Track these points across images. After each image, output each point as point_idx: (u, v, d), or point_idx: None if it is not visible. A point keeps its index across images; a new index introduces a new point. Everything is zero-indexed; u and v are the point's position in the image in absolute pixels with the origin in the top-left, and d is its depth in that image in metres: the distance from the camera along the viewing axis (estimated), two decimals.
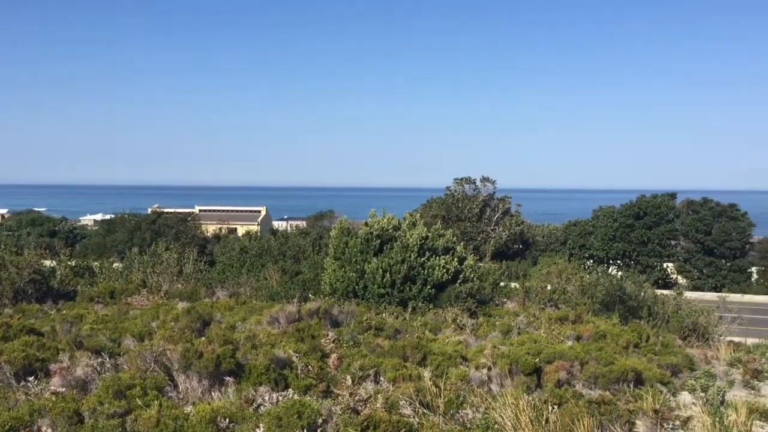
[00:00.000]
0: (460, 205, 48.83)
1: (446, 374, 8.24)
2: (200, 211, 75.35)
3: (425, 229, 16.42)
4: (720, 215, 46.35)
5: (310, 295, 15.12)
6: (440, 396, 6.93)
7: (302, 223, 65.46)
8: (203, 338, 8.92)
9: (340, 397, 7.07)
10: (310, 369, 7.82)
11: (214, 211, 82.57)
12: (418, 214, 19.18)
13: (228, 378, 7.43)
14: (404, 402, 6.79)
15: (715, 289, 40.01)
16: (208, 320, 11.22)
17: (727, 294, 26.30)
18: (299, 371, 7.83)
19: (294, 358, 8.10)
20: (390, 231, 16.02)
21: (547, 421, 6.64)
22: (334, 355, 8.48)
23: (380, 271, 14.89)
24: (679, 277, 45.68)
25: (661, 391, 9.37)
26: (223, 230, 65.64)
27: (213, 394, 7.33)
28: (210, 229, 62.62)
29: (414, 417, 6.50)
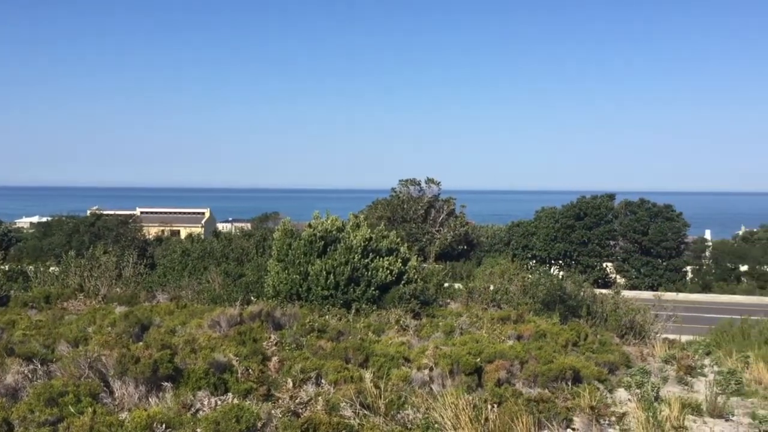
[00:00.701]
0: (405, 206, 49.11)
1: (388, 375, 8.27)
2: (142, 213, 73.90)
3: (369, 230, 16.43)
4: (656, 216, 47.74)
5: (252, 298, 14.96)
6: (381, 397, 6.95)
7: (247, 225, 64.78)
8: (141, 343, 8.75)
9: (280, 401, 7.02)
10: (251, 372, 7.74)
11: (156, 213, 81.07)
12: (363, 216, 19.19)
13: (166, 383, 7.30)
14: (345, 404, 6.78)
15: (652, 288, 41.16)
16: (147, 324, 11.01)
17: (663, 293, 27.11)
18: (239, 375, 7.75)
19: (234, 362, 8.01)
20: (334, 232, 15.98)
21: (486, 420, 6.72)
22: (275, 358, 8.42)
23: (324, 272, 14.84)
24: (618, 277, 46.85)
25: (599, 388, 9.58)
26: (165, 232, 64.47)
27: (150, 399, 7.19)
28: (152, 231, 61.46)
29: (354, 418, 6.49)
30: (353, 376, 7.82)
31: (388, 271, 15.44)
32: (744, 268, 47.17)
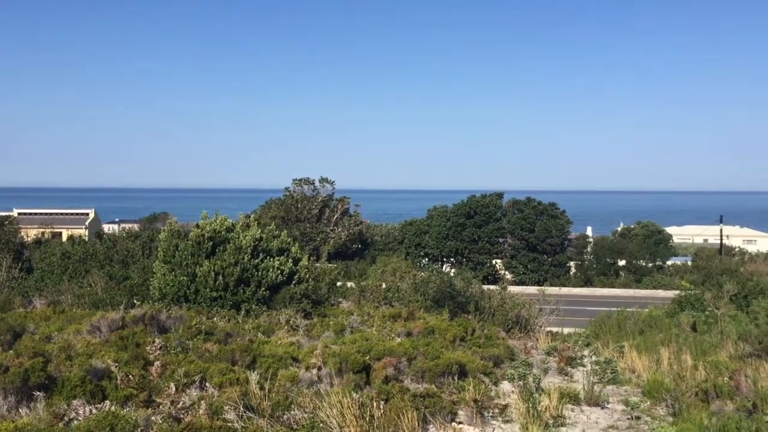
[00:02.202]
0: (299, 206, 48.78)
1: (276, 376, 8.18)
2: (19, 214, 69.78)
3: (259, 230, 16.20)
4: (542, 214, 49.59)
5: (136, 302, 14.43)
6: (267, 398, 6.86)
7: (135, 226, 62.45)
8: (11, 351, 8.26)
9: (161, 406, 6.80)
10: (131, 378, 7.46)
11: (35, 214, 76.78)
12: (254, 216, 18.89)
13: (38, 393, 6.92)
14: (229, 407, 6.65)
15: (538, 282, 42.70)
16: (20, 332, 10.40)
17: (547, 287, 28.19)
18: (119, 381, 7.45)
19: (113, 368, 7.70)
20: (223, 233, 15.66)
21: (372, 417, 6.76)
22: (157, 363, 8.14)
23: (212, 274, 14.51)
24: (507, 273, 48.35)
25: (484, 382, 9.84)
26: (45, 235, 61.20)
27: (21, 410, 6.80)
28: (31, 233, 58.17)
29: (238, 422, 6.38)
30: (239, 379, 7.68)
31: (279, 271, 15.29)
32: (622, 262, 49.75)
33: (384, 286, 19.50)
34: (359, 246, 50.70)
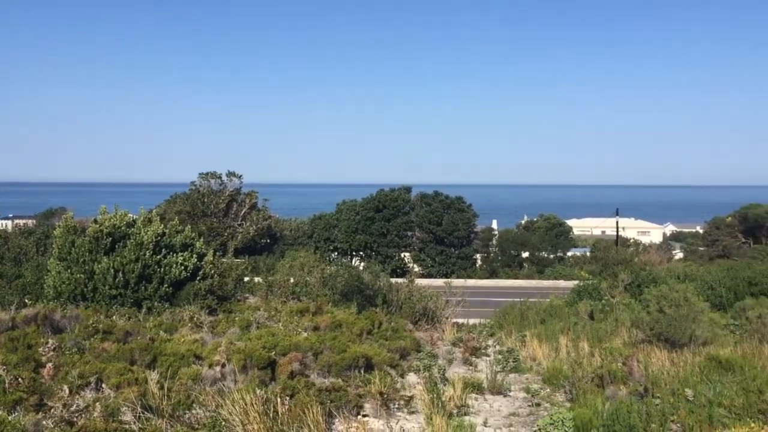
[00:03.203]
0: (205, 200, 47.68)
1: (177, 375, 7.96)
2: None
3: (162, 225, 15.73)
4: (449, 207, 50.41)
5: (27, 301, 13.74)
6: (167, 398, 6.66)
7: (30, 222, 59.49)
8: None
9: (53, 410, 6.49)
10: (21, 382, 7.09)
11: None
12: (156, 211, 18.33)
13: None
14: (127, 408, 6.42)
15: (446, 275, 43.42)
16: None
17: (453, 279, 28.70)
18: (7, 385, 7.06)
19: (1, 371, 7.29)
20: (123, 228, 15.11)
21: (277, 413, 6.68)
22: (50, 365, 7.77)
23: (111, 271, 13.98)
24: (415, 266, 48.91)
25: (390, 374, 9.91)
26: None
27: None
28: None
29: (136, 423, 6.16)
30: (138, 378, 7.43)
31: (183, 267, 14.90)
32: (525, 254, 51.20)
33: (292, 280, 19.36)
34: (268, 241, 50.12)
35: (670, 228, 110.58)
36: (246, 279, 20.00)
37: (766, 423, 7.06)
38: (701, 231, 78.99)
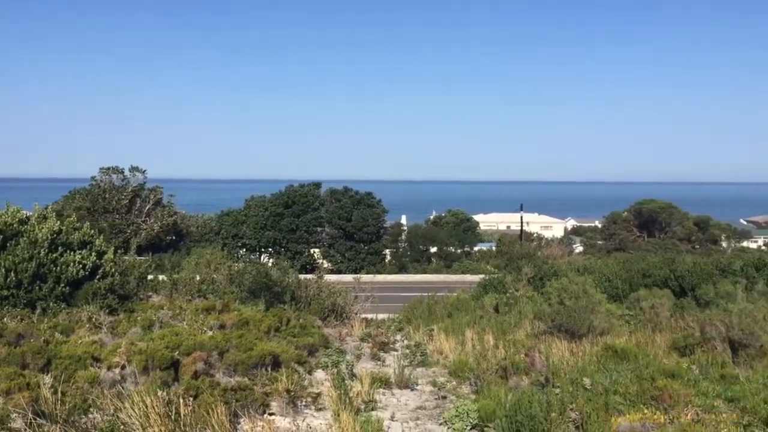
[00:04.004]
0: (107, 196, 45.96)
1: (73, 378, 7.63)
2: None
3: (58, 222, 15.04)
4: (359, 203, 50.57)
5: None
6: (61, 402, 6.36)
7: None
8: None
9: None
10: None
11: None
12: (51, 207, 17.50)
13: None
14: (17, 414, 6.09)
15: (355, 271, 43.59)
16: None
17: (363, 275, 28.81)
18: None
19: None
20: (15, 225, 14.35)
21: (178, 415, 6.50)
22: None
23: (2, 270, 13.24)
24: (324, 262, 48.83)
25: (298, 371, 9.83)
26: None
27: None
28: None
29: (27, 429, 5.86)
30: (30, 383, 7.06)
31: (81, 266, 14.29)
32: (434, 249, 52.01)
33: (198, 278, 18.93)
34: (173, 238, 48.84)
35: (571, 223, 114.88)
36: (150, 277, 19.38)
37: (658, 409, 7.41)
38: (600, 225, 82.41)
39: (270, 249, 49.60)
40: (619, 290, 18.61)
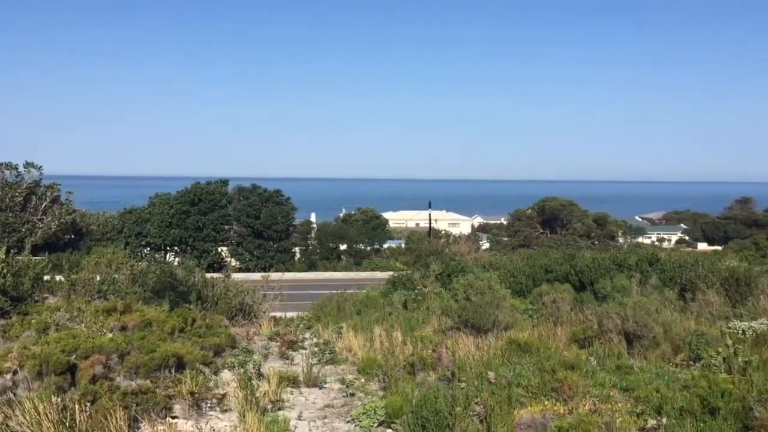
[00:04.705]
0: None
1: None
2: None
3: None
4: (267, 201, 49.96)
5: None
6: None
7: None
8: None
9: None
10: None
11: None
12: None
13: None
14: None
15: (264, 269, 43.06)
16: None
17: (271, 273, 28.45)
18: None
19: None
20: None
21: (74, 421, 6.23)
22: None
23: None
24: (233, 260, 48.03)
25: (203, 372, 9.61)
26: None
27: None
28: None
29: None
30: None
31: None
32: (343, 246, 52.05)
33: (98, 278, 18.23)
34: (72, 236, 46.82)
35: (478, 220, 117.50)
36: (46, 278, 18.51)
37: (558, 400, 7.66)
38: (505, 222, 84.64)
39: (176, 248, 48.33)
40: (523, 285, 19.14)
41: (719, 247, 69.61)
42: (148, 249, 47.19)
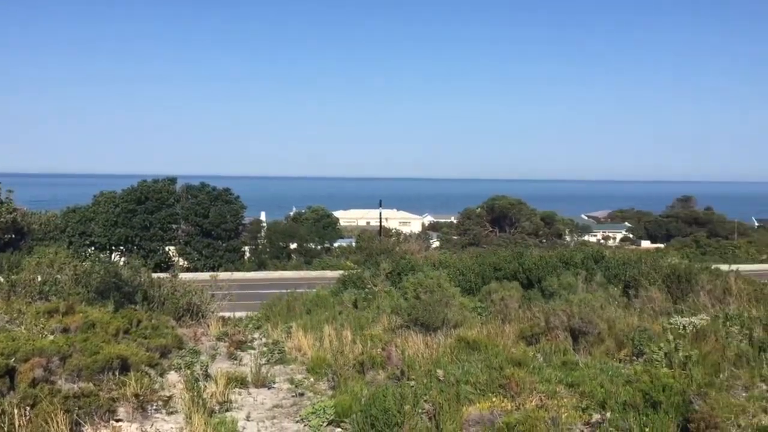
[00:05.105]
0: None
1: None
2: None
3: None
4: (216, 199, 49.33)
5: None
6: None
7: None
8: None
9: None
10: None
11: None
12: None
13: None
14: None
15: (213, 268, 42.53)
16: None
17: (220, 272, 28.13)
18: None
19: None
20: None
21: (13, 426, 6.04)
22: None
23: None
24: (181, 260, 47.32)
25: (149, 374, 9.43)
26: None
27: None
28: None
29: None
30: None
31: None
32: (294, 245, 51.77)
33: (40, 279, 17.75)
34: (13, 236, 45.44)
35: (428, 218, 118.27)
36: None
37: (506, 396, 7.75)
38: (455, 221, 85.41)
39: (122, 247, 47.36)
40: (472, 284, 19.30)
41: (662, 245, 71.60)
42: (93, 249, 46.12)
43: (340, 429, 7.50)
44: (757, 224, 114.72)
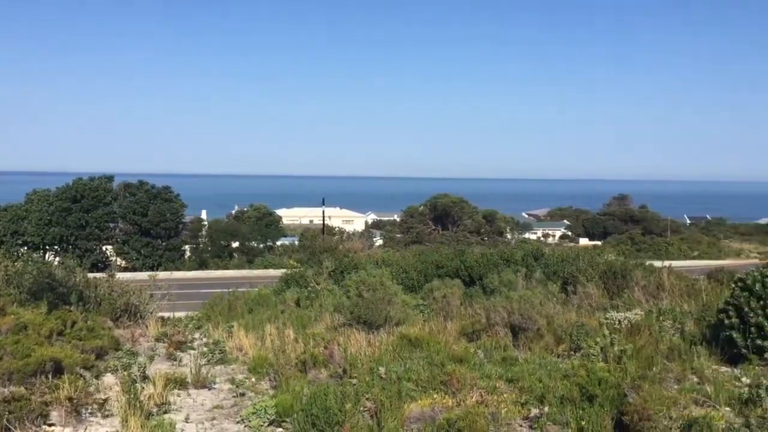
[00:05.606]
0: None
1: None
2: None
3: None
4: (155, 198, 48.45)
5: None
6: None
7: None
8: None
9: None
10: None
11: None
12: None
13: None
14: None
15: (152, 268, 41.75)
16: None
17: (160, 272, 27.60)
18: None
19: None
20: None
21: None
22: None
23: None
24: (118, 259, 46.29)
25: (83, 377, 9.17)
26: None
27: None
28: None
29: None
30: None
31: None
32: (236, 244, 51.19)
33: None
34: None
35: (371, 217, 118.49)
36: None
37: (447, 393, 7.82)
38: (398, 219, 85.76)
39: (56, 247, 46.04)
40: (415, 281, 19.44)
41: (599, 242, 73.33)
42: (26, 248, 44.74)
43: (281, 429, 7.44)
44: (689, 222, 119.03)
